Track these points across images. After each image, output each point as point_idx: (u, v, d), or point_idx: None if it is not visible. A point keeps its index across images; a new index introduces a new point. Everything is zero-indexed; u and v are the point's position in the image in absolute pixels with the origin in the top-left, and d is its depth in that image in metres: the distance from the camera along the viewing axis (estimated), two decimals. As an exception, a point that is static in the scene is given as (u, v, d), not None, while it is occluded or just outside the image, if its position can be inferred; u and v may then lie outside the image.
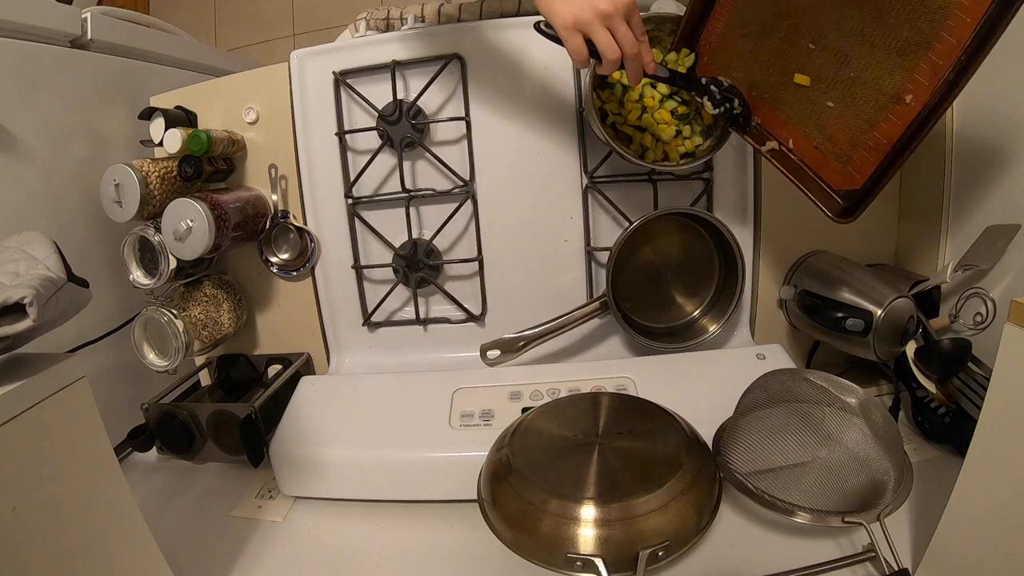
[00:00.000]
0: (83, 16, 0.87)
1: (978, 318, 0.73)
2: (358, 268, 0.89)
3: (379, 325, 0.91)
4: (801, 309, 0.83)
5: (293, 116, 0.86)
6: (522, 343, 0.81)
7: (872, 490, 0.58)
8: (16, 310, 0.42)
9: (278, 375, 0.87)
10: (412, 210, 0.86)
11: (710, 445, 0.64)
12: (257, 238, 0.87)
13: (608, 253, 0.81)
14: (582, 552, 0.52)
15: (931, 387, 0.75)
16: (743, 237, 0.84)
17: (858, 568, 0.55)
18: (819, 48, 0.60)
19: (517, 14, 0.85)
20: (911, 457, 0.64)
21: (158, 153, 0.87)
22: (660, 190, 0.83)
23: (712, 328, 0.83)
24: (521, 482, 0.57)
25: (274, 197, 0.87)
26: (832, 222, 0.63)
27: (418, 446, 0.70)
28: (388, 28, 0.93)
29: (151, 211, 0.77)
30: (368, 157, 0.85)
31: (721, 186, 0.84)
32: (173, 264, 0.77)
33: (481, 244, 0.86)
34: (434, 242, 0.87)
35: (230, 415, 0.76)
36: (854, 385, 0.64)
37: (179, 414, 0.79)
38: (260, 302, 0.93)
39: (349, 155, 0.87)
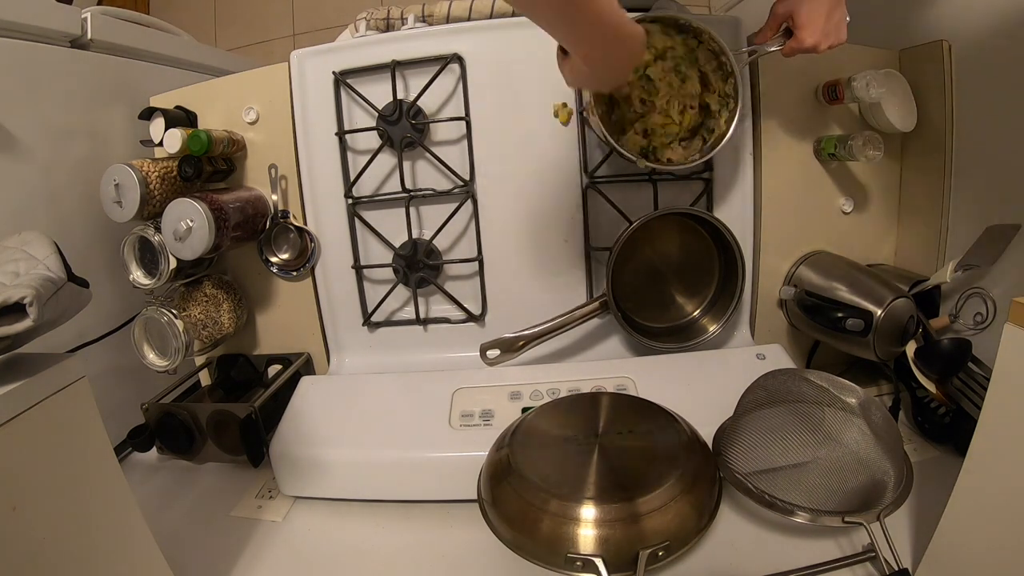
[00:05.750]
0: (83, 16, 0.86)
1: (978, 318, 0.73)
2: (358, 268, 0.89)
3: (379, 325, 0.91)
4: (801, 309, 0.83)
5: (293, 116, 0.86)
6: (522, 343, 0.81)
7: (872, 490, 0.58)
8: (16, 310, 0.42)
9: (278, 375, 0.87)
10: (412, 210, 0.86)
11: (710, 445, 0.64)
12: (257, 238, 0.87)
13: (608, 253, 0.80)
14: (582, 552, 0.52)
15: (931, 387, 0.75)
16: (743, 237, 0.84)
17: (858, 568, 0.55)
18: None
19: (517, 14, 0.85)
20: (911, 457, 0.64)
21: (158, 153, 0.87)
22: (660, 190, 0.83)
23: (712, 328, 0.83)
24: (521, 482, 0.57)
25: (274, 197, 0.87)
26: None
27: (418, 446, 0.70)
28: (388, 28, 0.93)
29: (151, 211, 0.77)
30: (368, 157, 0.85)
31: (721, 186, 0.84)
32: (173, 264, 0.77)
33: (481, 244, 0.86)
34: (434, 242, 0.87)
35: (230, 415, 0.76)
36: (854, 385, 0.64)
37: (179, 414, 0.79)
38: (260, 302, 0.93)
39: (349, 155, 0.86)
